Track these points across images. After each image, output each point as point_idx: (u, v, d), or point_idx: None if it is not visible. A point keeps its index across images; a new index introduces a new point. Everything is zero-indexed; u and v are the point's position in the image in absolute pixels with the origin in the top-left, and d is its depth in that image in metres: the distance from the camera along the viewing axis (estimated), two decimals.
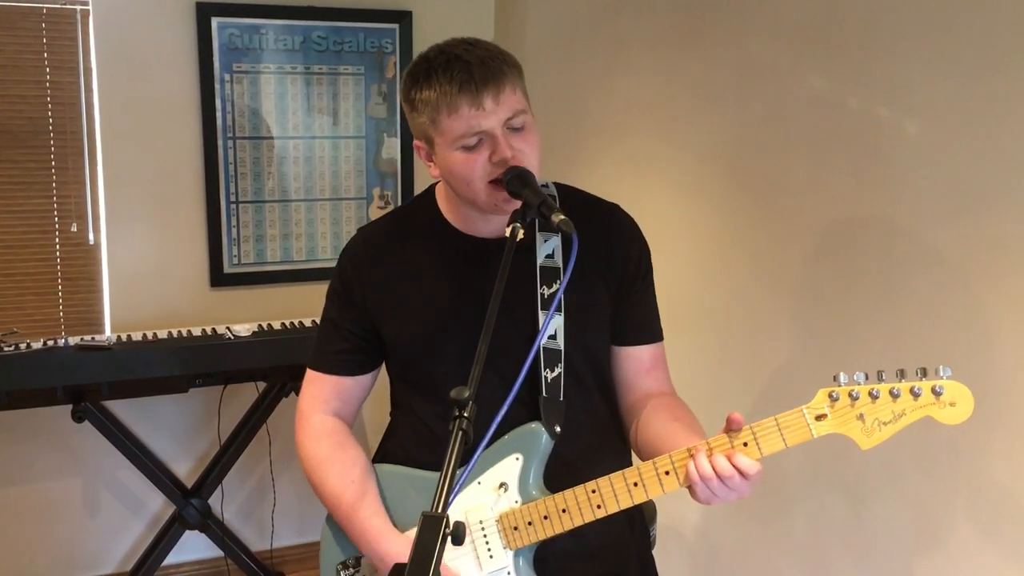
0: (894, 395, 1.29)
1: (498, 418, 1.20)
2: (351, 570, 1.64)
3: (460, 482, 1.11)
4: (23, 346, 2.80)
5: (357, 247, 1.68)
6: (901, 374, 1.30)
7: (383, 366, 1.73)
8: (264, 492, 3.57)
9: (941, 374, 1.28)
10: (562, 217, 1.36)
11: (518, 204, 1.44)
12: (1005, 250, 1.73)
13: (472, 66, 1.44)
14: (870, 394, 1.30)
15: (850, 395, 1.31)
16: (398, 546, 1.53)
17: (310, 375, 1.70)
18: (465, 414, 1.14)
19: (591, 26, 3.04)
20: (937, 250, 1.86)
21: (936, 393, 1.27)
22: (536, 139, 1.52)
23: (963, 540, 1.84)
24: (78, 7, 3.11)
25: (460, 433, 1.13)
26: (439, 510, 1.06)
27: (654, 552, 2.29)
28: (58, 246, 3.21)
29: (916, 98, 1.89)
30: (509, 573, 1.50)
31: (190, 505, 3.20)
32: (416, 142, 1.57)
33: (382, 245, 1.65)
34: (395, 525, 1.58)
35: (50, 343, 2.84)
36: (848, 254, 2.07)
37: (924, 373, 1.29)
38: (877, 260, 2.00)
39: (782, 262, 2.28)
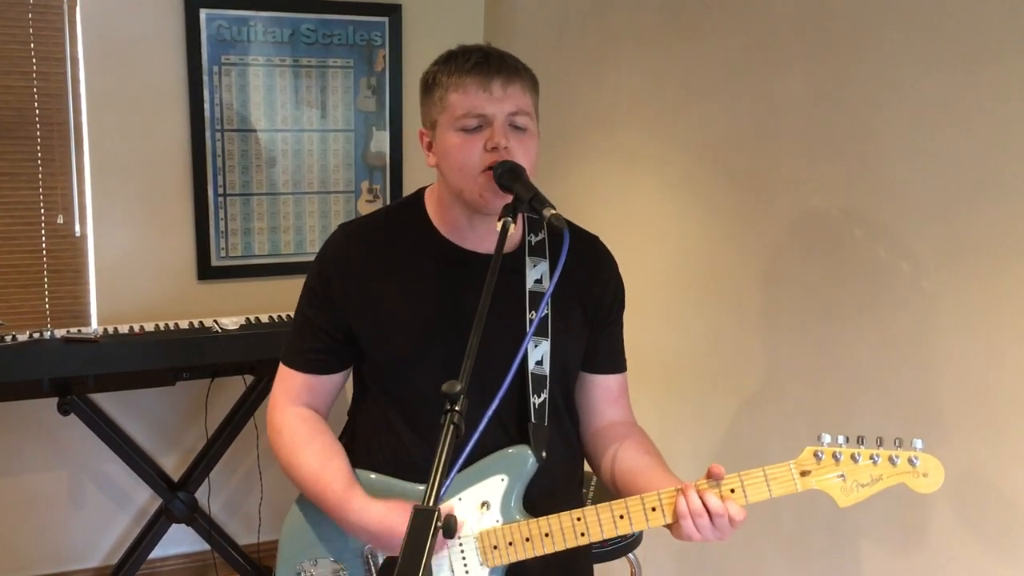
0: (874, 460, 1.41)
1: (476, 434, 1.19)
2: (310, 573, 1.62)
3: (452, 476, 1.11)
4: (8, 338, 2.78)
5: (339, 245, 1.63)
6: (879, 441, 1.42)
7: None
8: (251, 485, 3.56)
9: (915, 445, 1.41)
10: (554, 211, 1.36)
11: (505, 201, 1.43)
12: (994, 246, 1.74)
13: (491, 56, 1.50)
14: (852, 457, 1.41)
15: (834, 456, 1.41)
16: (378, 512, 1.50)
17: (283, 370, 1.67)
18: (456, 407, 1.14)
19: (581, 21, 3.04)
20: (925, 245, 1.87)
21: (912, 463, 1.40)
22: (534, 148, 1.52)
23: (949, 536, 1.86)
24: None
25: (451, 427, 1.13)
26: (430, 503, 1.06)
27: (640, 549, 2.32)
28: (44, 238, 3.19)
29: (905, 95, 1.90)
30: None
31: (177, 498, 3.18)
32: (420, 129, 1.59)
33: (365, 245, 1.62)
34: None
35: (36, 335, 2.82)
36: (837, 249, 2.08)
37: (900, 443, 1.41)
38: (865, 255, 2.01)
39: (770, 257, 2.29)
